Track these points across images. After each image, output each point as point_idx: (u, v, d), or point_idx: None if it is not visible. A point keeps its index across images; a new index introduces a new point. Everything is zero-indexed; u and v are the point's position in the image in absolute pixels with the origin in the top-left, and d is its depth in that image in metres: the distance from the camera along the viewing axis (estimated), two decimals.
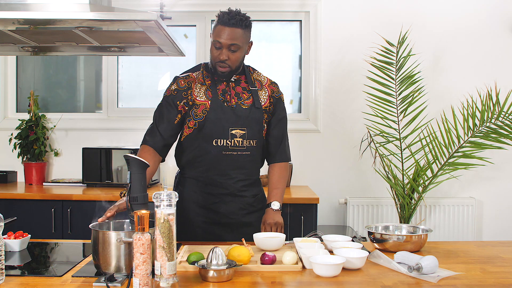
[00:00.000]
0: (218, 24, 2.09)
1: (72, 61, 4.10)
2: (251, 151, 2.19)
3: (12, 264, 1.77)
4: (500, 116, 3.23)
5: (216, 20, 2.12)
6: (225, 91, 2.18)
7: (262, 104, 2.21)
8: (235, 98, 2.17)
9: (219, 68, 2.13)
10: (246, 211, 2.22)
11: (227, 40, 2.07)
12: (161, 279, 1.44)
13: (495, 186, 3.85)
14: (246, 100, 2.18)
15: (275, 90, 2.26)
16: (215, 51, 2.11)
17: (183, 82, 2.19)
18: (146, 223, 1.42)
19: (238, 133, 2.14)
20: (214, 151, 2.14)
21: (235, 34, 2.07)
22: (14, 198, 3.31)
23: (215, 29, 2.10)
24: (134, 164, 1.68)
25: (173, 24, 3.83)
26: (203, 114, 2.13)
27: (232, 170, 2.18)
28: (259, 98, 2.21)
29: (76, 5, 1.83)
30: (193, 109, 2.15)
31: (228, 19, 2.06)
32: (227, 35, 2.07)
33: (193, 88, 2.17)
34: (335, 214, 3.87)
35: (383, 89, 3.49)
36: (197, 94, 2.16)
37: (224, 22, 2.07)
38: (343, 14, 3.85)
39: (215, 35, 2.09)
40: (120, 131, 3.91)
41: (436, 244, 2.07)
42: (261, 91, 2.23)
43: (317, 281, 1.57)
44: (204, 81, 2.19)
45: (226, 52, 2.09)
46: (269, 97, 2.23)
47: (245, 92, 2.20)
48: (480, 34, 3.83)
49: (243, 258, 1.68)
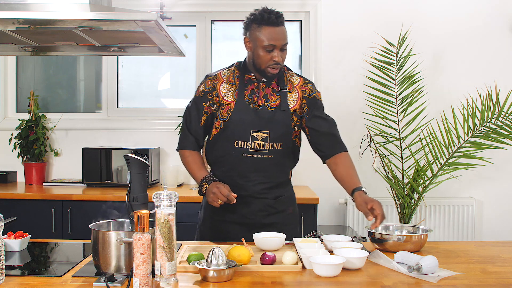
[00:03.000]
0: (265, 26, 2.02)
1: (72, 61, 4.10)
2: (274, 154, 2.14)
3: (12, 264, 1.77)
4: (500, 116, 3.24)
5: (256, 22, 2.03)
6: (253, 92, 2.13)
7: (291, 107, 2.14)
8: (262, 99, 2.12)
9: (271, 70, 2.06)
10: (266, 212, 2.19)
11: (282, 41, 2.02)
12: (161, 279, 1.44)
13: (495, 186, 3.85)
14: (273, 102, 2.13)
15: (307, 90, 2.18)
16: (266, 55, 2.03)
17: (209, 83, 2.16)
18: (146, 223, 1.42)
19: (259, 136, 2.11)
20: (235, 152, 2.13)
21: (285, 33, 2.05)
22: (14, 198, 3.31)
23: (262, 32, 2.02)
24: (134, 164, 1.68)
25: (173, 24, 3.83)
26: (227, 115, 2.12)
27: (252, 172, 2.15)
28: (288, 100, 2.14)
29: (76, 5, 1.83)
30: (220, 110, 2.14)
31: (276, 18, 2.01)
32: (281, 36, 2.02)
33: (218, 88, 2.14)
34: (335, 214, 3.87)
35: (383, 89, 3.49)
36: (224, 94, 2.13)
37: (273, 23, 2.01)
38: (343, 14, 3.85)
39: (268, 38, 2.01)
40: (120, 131, 3.91)
41: (436, 244, 2.07)
42: (292, 93, 2.16)
43: (317, 281, 1.57)
44: (234, 81, 2.15)
45: (279, 53, 2.03)
46: (300, 99, 2.16)
47: (273, 94, 2.14)
48: (480, 34, 3.83)
49: (243, 258, 1.68)
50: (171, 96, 4.10)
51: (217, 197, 2.01)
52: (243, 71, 2.16)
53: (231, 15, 3.95)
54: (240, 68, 2.17)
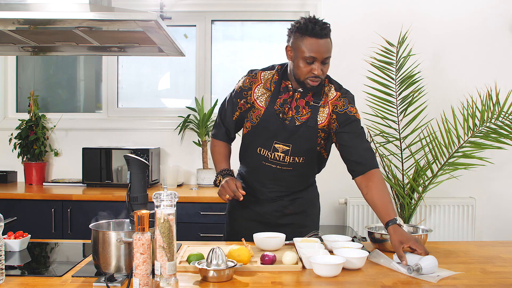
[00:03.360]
0: (307, 36, 1.94)
1: (72, 61, 4.10)
2: (294, 167, 2.12)
3: (12, 264, 1.78)
4: (500, 116, 3.23)
5: (299, 32, 1.96)
6: (286, 101, 2.08)
7: (320, 123, 2.06)
8: (293, 110, 2.07)
9: (310, 82, 1.99)
10: (280, 213, 2.20)
11: (323, 54, 1.94)
12: (161, 279, 1.44)
13: (495, 186, 3.85)
14: (303, 116, 2.07)
15: (339, 104, 2.06)
16: (306, 66, 1.96)
17: (247, 81, 2.14)
18: (146, 223, 1.42)
19: (280, 148, 2.09)
20: (256, 158, 2.13)
21: (328, 46, 1.96)
22: (14, 198, 3.31)
23: (304, 42, 1.94)
24: (134, 164, 1.68)
25: (173, 24, 3.83)
26: (256, 120, 2.11)
27: (269, 181, 2.16)
28: (317, 115, 2.06)
29: (76, 5, 1.83)
30: (251, 112, 2.13)
31: (320, 30, 1.93)
32: (323, 48, 1.94)
33: (253, 89, 2.12)
34: (335, 214, 3.87)
35: (383, 89, 3.49)
36: (257, 98, 2.12)
37: (316, 34, 1.93)
38: (343, 14, 3.85)
39: (309, 50, 1.93)
40: (120, 131, 3.91)
41: (436, 244, 2.07)
42: (324, 108, 2.07)
43: (317, 281, 1.57)
44: (270, 86, 2.11)
45: (320, 66, 1.96)
46: (329, 115, 2.06)
47: (306, 107, 2.07)
48: (480, 34, 3.83)
49: (243, 258, 1.68)
50: (171, 96, 4.10)
51: (225, 191, 2.04)
52: (282, 77, 2.11)
53: (231, 15, 3.95)
54: (280, 74, 2.12)
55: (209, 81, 3.97)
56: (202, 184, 3.66)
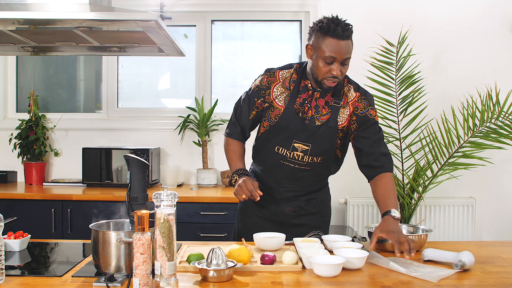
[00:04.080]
0: (329, 37, 1.94)
1: (72, 61, 4.10)
2: (313, 167, 2.12)
3: (12, 264, 1.77)
4: (500, 116, 3.23)
5: (322, 32, 1.96)
6: (305, 100, 2.07)
7: (339, 124, 2.07)
8: (313, 110, 2.07)
9: (328, 83, 1.99)
10: (295, 213, 2.21)
11: (343, 54, 1.95)
12: (161, 279, 1.44)
13: (495, 186, 3.85)
14: (323, 116, 2.07)
15: (360, 106, 2.07)
16: (325, 66, 1.96)
17: (265, 80, 2.13)
18: (146, 223, 1.42)
19: (300, 148, 2.08)
20: (274, 157, 2.12)
21: (349, 47, 1.97)
22: (14, 198, 3.31)
23: (324, 42, 1.94)
24: (134, 164, 1.68)
25: (173, 24, 3.83)
26: (275, 119, 2.10)
27: (286, 180, 2.16)
28: (338, 116, 2.06)
29: (76, 5, 1.83)
30: (269, 111, 2.12)
31: (342, 31, 1.93)
32: (344, 49, 1.94)
33: (272, 88, 2.11)
34: (335, 214, 3.87)
35: (383, 89, 3.49)
36: (276, 97, 2.11)
37: (338, 35, 1.93)
38: (343, 14, 3.78)
39: (329, 50, 1.93)
40: (120, 131, 3.91)
41: (436, 244, 2.07)
42: (344, 108, 2.08)
43: (317, 281, 1.57)
44: (289, 85, 2.10)
45: (339, 67, 1.96)
46: (350, 116, 2.07)
47: (325, 107, 2.07)
48: (480, 34, 3.83)
49: (243, 258, 1.68)
50: (171, 96, 4.10)
51: (242, 190, 2.02)
52: (301, 76, 2.10)
53: (231, 15, 3.95)
54: (299, 73, 2.11)
55: (209, 81, 3.97)
56: (202, 184, 3.67)
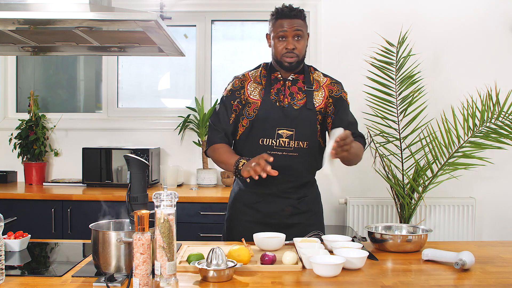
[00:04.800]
0: (279, 19, 2.12)
1: (72, 61, 4.10)
2: (300, 153, 2.15)
3: (12, 264, 1.78)
4: (500, 116, 3.24)
5: (273, 17, 2.15)
6: (279, 90, 2.18)
7: (316, 106, 2.18)
8: (288, 97, 2.17)
9: (286, 59, 2.12)
10: (289, 212, 2.20)
11: (292, 28, 2.10)
12: (161, 279, 1.44)
13: (495, 186, 3.85)
14: (299, 101, 2.17)
15: (334, 89, 2.22)
16: (280, 44, 2.12)
17: (237, 82, 2.22)
18: (146, 223, 1.42)
19: (284, 133, 2.13)
20: (261, 150, 2.12)
21: (298, 23, 2.12)
22: (14, 198, 3.31)
23: (275, 25, 2.13)
24: (134, 164, 1.68)
25: (173, 24, 3.83)
26: (254, 113, 2.16)
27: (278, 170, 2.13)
28: (314, 99, 2.18)
29: (76, 5, 1.83)
30: (246, 108, 2.18)
31: (288, 11, 2.11)
32: (291, 24, 2.10)
33: (246, 87, 2.20)
34: (335, 214, 3.87)
35: (383, 89, 3.49)
36: (250, 93, 2.19)
37: (285, 15, 2.11)
38: (343, 14, 3.85)
39: (278, 27, 2.11)
40: (120, 131, 3.91)
41: (436, 244, 2.07)
42: (318, 91, 2.20)
43: (317, 281, 1.57)
44: (261, 80, 2.20)
45: (292, 41, 2.11)
46: (326, 98, 2.20)
47: (299, 93, 2.18)
48: (480, 34, 3.83)
49: (243, 258, 1.68)
50: (171, 96, 4.10)
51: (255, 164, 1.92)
52: (270, 71, 2.21)
53: (231, 15, 3.95)
54: (267, 68, 2.23)
55: (209, 81, 3.97)
56: (202, 184, 3.67)
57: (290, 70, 2.17)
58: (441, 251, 1.78)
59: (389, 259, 1.83)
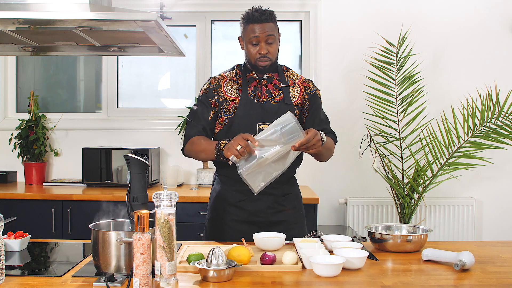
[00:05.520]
0: (250, 23, 2.14)
1: (72, 61, 4.11)
2: None
3: (12, 264, 1.77)
4: (500, 116, 3.24)
5: (244, 22, 2.16)
6: (256, 88, 2.21)
7: (294, 101, 2.22)
8: (266, 95, 2.20)
9: (260, 63, 2.16)
10: (274, 209, 2.20)
11: (264, 33, 2.12)
12: (161, 279, 1.44)
13: (495, 186, 3.85)
14: (277, 97, 2.21)
15: (309, 86, 2.28)
16: (253, 48, 2.15)
17: (213, 81, 2.24)
18: (146, 223, 1.42)
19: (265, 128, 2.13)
20: None
21: (269, 27, 2.14)
22: (14, 198, 3.31)
23: (247, 29, 2.15)
24: (134, 164, 1.68)
25: (173, 24, 3.83)
26: (233, 110, 2.17)
27: None
28: (290, 94, 2.23)
29: (76, 5, 1.83)
30: (224, 105, 2.19)
31: (259, 15, 2.12)
32: (263, 29, 2.12)
33: (222, 85, 2.22)
34: (335, 214, 3.87)
35: (383, 89, 3.49)
36: (227, 91, 2.21)
37: (256, 20, 2.12)
38: (343, 14, 3.85)
39: (250, 32, 2.13)
40: (120, 131, 3.91)
41: (436, 244, 2.07)
42: (294, 88, 2.25)
43: (317, 281, 1.57)
44: (237, 79, 2.23)
45: (264, 46, 2.14)
46: (302, 94, 2.25)
47: (276, 89, 2.22)
48: (480, 34, 3.83)
49: (243, 258, 1.68)
50: (171, 96, 4.10)
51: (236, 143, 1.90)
52: (244, 71, 2.24)
53: (231, 15, 3.95)
54: (241, 69, 2.26)
55: None
56: (202, 184, 3.67)
57: (263, 73, 2.22)
58: (441, 251, 1.78)
59: (389, 259, 1.83)
